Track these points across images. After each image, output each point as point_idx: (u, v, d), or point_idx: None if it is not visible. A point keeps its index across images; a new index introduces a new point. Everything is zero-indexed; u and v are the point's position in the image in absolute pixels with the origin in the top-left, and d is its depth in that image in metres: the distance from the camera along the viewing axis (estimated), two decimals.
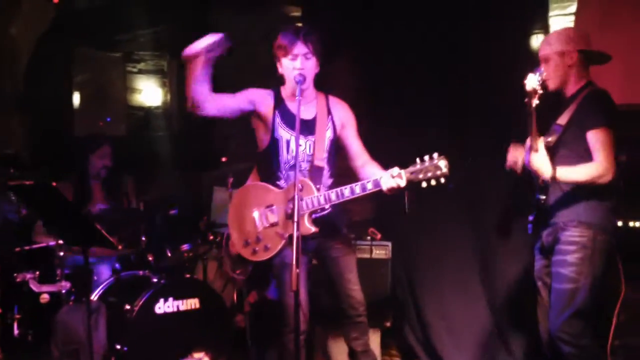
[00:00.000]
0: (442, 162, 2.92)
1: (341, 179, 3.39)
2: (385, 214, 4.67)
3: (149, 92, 6.97)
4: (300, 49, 3.28)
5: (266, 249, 3.29)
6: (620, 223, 3.55)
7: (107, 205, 4.58)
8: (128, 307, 3.99)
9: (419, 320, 4.50)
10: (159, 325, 4.02)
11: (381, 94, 4.77)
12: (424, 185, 2.96)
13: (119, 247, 4.23)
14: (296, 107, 3.11)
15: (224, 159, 4.92)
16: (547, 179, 3.05)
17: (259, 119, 3.41)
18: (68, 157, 5.05)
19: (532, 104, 2.95)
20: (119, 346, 3.95)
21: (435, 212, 4.34)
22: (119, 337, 3.97)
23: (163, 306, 4.05)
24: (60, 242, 4.06)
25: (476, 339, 4.27)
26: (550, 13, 4.41)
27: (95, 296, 4.13)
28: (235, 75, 3.33)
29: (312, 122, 3.39)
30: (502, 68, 4.18)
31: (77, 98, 6.51)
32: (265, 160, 3.42)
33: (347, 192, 3.13)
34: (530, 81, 2.96)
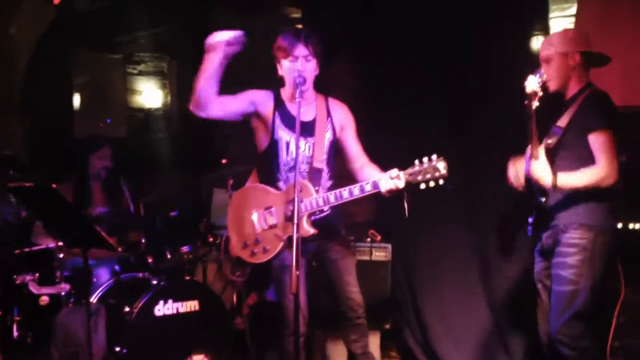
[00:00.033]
0: (440, 164, 2.92)
1: (341, 180, 3.39)
2: (385, 216, 4.66)
3: (149, 94, 6.98)
4: (301, 51, 3.27)
5: (265, 251, 3.28)
6: (620, 225, 3.54)
7: (106, 208, 4.57)
8: (127, 309, 3.98)
9: (419, 322, 4.49)
10: (159, 327, 4.01)
11: (381, 94, 4.77)
12: (422, 186, 2.96)
13: (118, 249, 4.22)
14: (296, 109, 3.09)
15: (224, 160, 4.91)
16: (548, 187, 3.04)
17: (259, 120, 3.40)
18: (68, 158, 5.05)
19: (532, 106, 2.94)
20: (118, 348, 3.94)
21: (436, 213, 4.33)
22: (118, 339, 3.96)
23: (163, 308, 4.04)
24: (60, 244, 4.05)
25: (476, 340, 4.26)
26: (550, 15, 4.41)
27: (94, 298, 4.13)
28: (235, 76, 3.31)
29: (311, 123, 3.38)
30: (502, 68, 4.18)
31: (77, 99, 6.52)
32: (265, 161, 3.41)
33: (345, 193, 3.13)
34: (530, 83, 2.95)
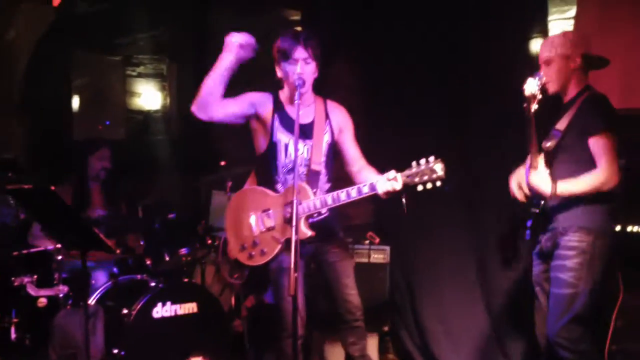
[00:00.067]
0: (438, 166, 2.91)
1: (339, 182, 3.38)
2: (383, 218, 4.66)
3: (148, 96, 6.97)
4: (300, 54, 3.27)
5: (262, 253, 3.27)
6: (619, 228, 3.53)
7: (105, 211, 4.57)
8: (126, 311, 3.98)
9: (417, 324, 4.49)
10: (157, 329, 4.01)
11: (381, 94, 4.77)
12: (419, 188, 2.95)
13: (117, 251, 4.22)
14: (295, 112, 3.08)
15: (222, 162, 4.91)
16: (549, 197, 3.03)
17: (259, 122, 3.39)
18: (67, 159, 5.05)
19: (531, 109, 2.94)
20: (116, 350, 3.94)
21: (434, 215, 4.33)
22: (116, 341, 3.95)
23: (161, 310, 4.03)
24: (59, 246, 4.05)
25: (474, 343, 4.25)
26: (550, 17, 4.40)
27: (92, 300, 4.13)
28: (234, 77, 3.31)
29: (309, 126, 3.38)
30: (502, 69, 4.17)
31: (76, 101, 6.51)
32: (263, 164, 3.41)
33: (343, 196, 3.12)
34: (529, 86, 2.94)
